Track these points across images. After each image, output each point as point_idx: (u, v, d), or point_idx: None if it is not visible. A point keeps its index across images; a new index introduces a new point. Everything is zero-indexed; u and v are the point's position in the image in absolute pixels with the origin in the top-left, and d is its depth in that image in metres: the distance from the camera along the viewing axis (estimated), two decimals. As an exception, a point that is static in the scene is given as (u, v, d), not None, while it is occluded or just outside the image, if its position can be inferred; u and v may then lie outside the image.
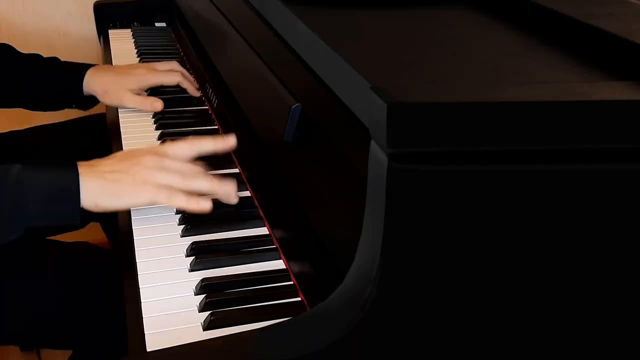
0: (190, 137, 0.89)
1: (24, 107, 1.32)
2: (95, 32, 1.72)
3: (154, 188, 0.81)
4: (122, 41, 1.60)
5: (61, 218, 0.80)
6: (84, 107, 1.29)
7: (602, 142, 0.51)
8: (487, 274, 0.54)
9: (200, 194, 0.84)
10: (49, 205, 0.79)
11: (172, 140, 0.89)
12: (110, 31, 1.66)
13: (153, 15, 1.74)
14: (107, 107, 1.28)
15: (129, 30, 1.67)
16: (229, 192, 0.85)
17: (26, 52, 1.28)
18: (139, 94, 1.20)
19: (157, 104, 1.18)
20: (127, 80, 1.19)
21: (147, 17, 1.74)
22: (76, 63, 1.26)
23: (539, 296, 0.55)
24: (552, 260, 0.54)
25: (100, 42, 1.68)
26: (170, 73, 1.23)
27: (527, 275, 0.55)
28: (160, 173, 0.82)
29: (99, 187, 0.80)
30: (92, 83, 1.20)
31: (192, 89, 1.24)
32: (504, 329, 0.56)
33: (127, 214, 0.90)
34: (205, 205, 0.82)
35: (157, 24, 1.74)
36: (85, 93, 1.22)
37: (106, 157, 0.86)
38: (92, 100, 1.25)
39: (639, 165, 0.52)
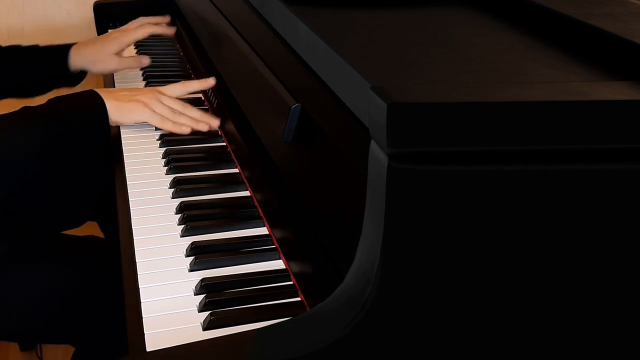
0: (181, 81, 1.15)
1: (13, 97, 1.37)
2: (95, 32, 1.72)
3: (150, 111, 1.06)
4: (122, 41, 1.59)
5: (95, 124, 1.02)
6: (72, 84, 1.37)
7: (602, 142, 0.51)
8: (487, 274, 0.54)
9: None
10: (84, 115, 1.01)
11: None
12: (110, 31, 1.66)
13: (153, 15, 1.74)
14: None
15: (129, 30, 1.67)
16: (205, 123, 1.08)
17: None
18: (121, 55, 1.34)
19: (144, 60, 1.35)
20: (108, 46, 1.32)
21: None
22: (57, 45, 1.35)
23: (539, 296, 0.55)
24: (553, 260, 0.54)
25: (100, 42, 1.68)
26: (140, 27, 1.37)
27: (527, 275, 0.55)
28: (158, 103, 1.07)
29: (114, 105, 1.03)
30: (79, 57, 1.31)
31: (165, 30, 1.41)
32: (504, 329, 0.56)
33: (127, 214, 0.90)
34: (185, 130, 1.07)
35: (157, 24, 1.73)
36: (72, 69, 1.31)
37: (119, 88, 1.16)
38: (78, 77, 1.35)
39: (639, 165, 0.52)
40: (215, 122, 1.09)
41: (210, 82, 1.16)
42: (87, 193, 1.14)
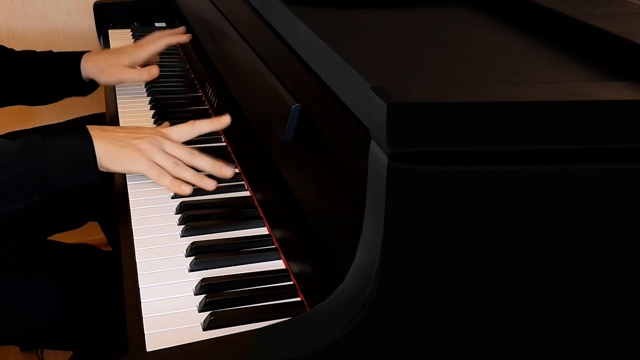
0: (191, 120, 0.99)
1: (25, 104, 1.34)
2: (95, 32, 1.72)
3: (148, 162, 0.92)
4: (122, 41, 1.60)
5: (81, 176, 0.90)
6: (84, 93, 1.32)
7: (602, 142, 0.51)
8: (487, 274, 0.54)
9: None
10: (70, 165, 0.89)
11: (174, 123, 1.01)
12: (110, 31, 1.66)
13: (153, 15, 1.74)
14: (107, 106, 1.29)
15: (129, 30, 1.67)
16: (209, 184, 0.93)
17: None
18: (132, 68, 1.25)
19: (153, 70, 1.23)
20: (120, 58, 1.25)
21: (147, 17, 1.74)
22: (70, 52, 1.30)
23: (539, 296, 0.55)
24: (552, 259, 0.54)
25: (100, 42, 1.68)
26: (155, 41, 1.29)
27: (527, 275, 0.55)
28: (158, 152, 0.92)
29: (106, 150, 0.90)
30: (88, 66, 1.25)
31: (182, 38, 1.33)
32: (504, 329, 0.56)
33: (127, 213, 0.90)
34: (185, 190, 0.92)
35: (157, 24, 1.74)
36: (84, 77, 1.26)
37: (117, 127, 1.01)
38: (90, 86, 1.29)
39: (639, 165, 0.52)
40: (228, 172, 0.94)
41: (224, 121, 0.98)
42: (85, 196, 1.14)
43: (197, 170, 0.94)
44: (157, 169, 0.92)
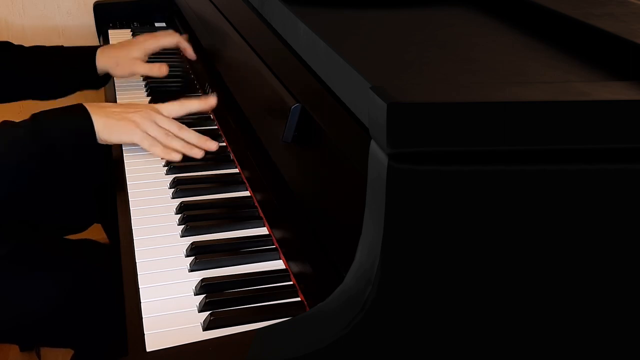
0: (180, 99, 1.08)
1: (34, 99, 1.34)
2: (95, 32, 1.72)
3: (142, 133, 1.00)
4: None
5: (82, 138, 0.97)
6: (96, 87, 1.35)
7: (602, 142, 0.51)
8: (487, 274, 0.54)
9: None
10: (71, 130, 0.97)
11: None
12: (110, 31, 1.66)
13: (153, 15, 1.74)
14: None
15: (129, 30, 1.67)
16: (200, 150, 1.02)
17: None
18: (145, 61, 1.31)
19: (163, 68, 1.29)
20: (132, 49, 1.30)
21: (147, 17, 1.74)
22: (83, 47, 1.34)
23: (539, 296, 0.55)
24: (552, 260, 0.54)
25: (100, 42, 1.68)
26: (168, 34, 1.35)
27: (527, 275, 0.55)
28: (151, 124, 1.01)
29: (103, 123, 0.98)
30: (104, 59, 1.30)
31: (190, 52, 1.36)
32: (504, 329, 0.56)
33: (127, 214, 0.90)
34: (175, 157, 1.01)
35: (157, 24, 1.74)
36: (99, 71, 1.30)
37: (112, 103, 1.14)
38: (104, 79, 1.33)
39: (639, 165, 0.52)
40: (212, 145, 1.02)
41: (211, 102, 1.09)
42: (82, 193, 1.15)
43: None
44: (150, 139, 1.00)
